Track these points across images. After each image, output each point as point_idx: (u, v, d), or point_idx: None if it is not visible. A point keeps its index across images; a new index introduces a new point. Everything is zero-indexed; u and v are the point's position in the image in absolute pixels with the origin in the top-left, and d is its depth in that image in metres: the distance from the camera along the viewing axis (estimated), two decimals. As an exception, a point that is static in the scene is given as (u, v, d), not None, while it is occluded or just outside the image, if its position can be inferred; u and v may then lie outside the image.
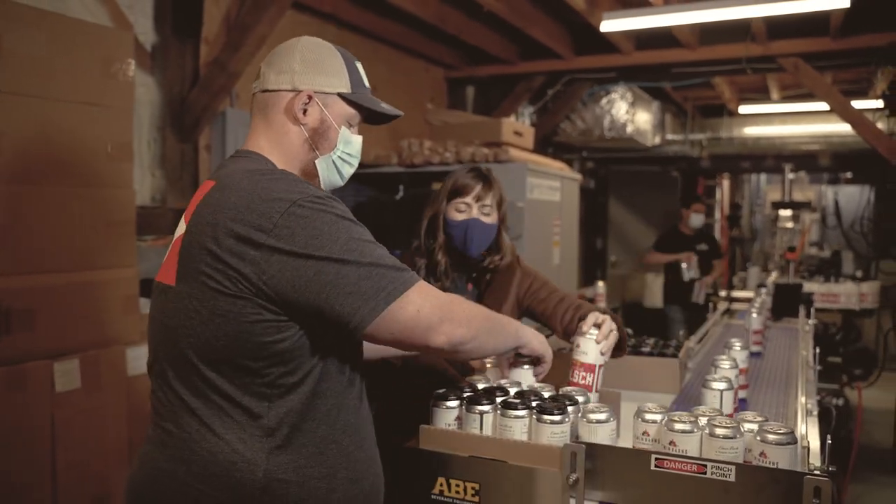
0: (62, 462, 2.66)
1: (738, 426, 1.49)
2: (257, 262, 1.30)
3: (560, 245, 5.15)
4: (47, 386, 2.63)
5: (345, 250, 1.30)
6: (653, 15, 4.59)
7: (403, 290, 1.33)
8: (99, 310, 2.86)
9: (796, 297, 4.39)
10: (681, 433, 1.50)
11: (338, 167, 1.59)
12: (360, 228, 1.37)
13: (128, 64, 2.96)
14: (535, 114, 7.37)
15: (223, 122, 4.19)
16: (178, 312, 1.38)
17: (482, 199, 2.28)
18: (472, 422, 1.62)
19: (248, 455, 1.35)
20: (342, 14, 4.96)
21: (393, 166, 4.82)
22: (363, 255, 1.32)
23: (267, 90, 1.53)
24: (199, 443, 1.36)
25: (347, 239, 1.31)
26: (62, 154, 2.73)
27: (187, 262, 1.37)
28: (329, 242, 1.30)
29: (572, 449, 1.48)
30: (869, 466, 5.30)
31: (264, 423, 1.36)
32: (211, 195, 1.39)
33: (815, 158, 8.30)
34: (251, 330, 1.32)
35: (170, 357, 1.40)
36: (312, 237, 1.29)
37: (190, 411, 1.37)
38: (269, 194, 1.32)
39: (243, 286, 1.31)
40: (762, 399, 2.43)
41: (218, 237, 1.32)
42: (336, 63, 1.54)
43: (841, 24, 5.31)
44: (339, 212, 1.35)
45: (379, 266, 1.32)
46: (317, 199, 1.33)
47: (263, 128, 1.54)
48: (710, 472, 1.40)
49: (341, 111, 1.55)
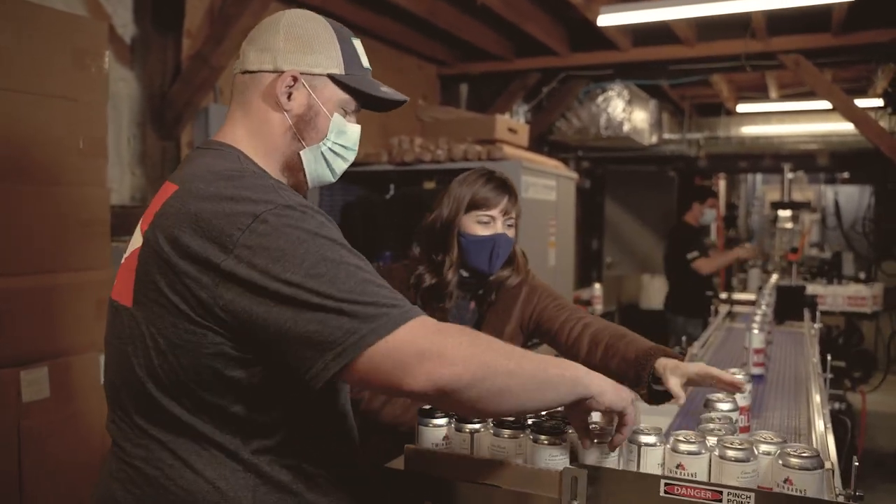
0: (29, 476, 2.51)
1: (751, 448, 1.34)
2: (212, 286, 1.11)
3: (556, 246, 5.02)
4: (13, 395, 2.48)
5: (310, 277, 1.07)
6: (651, 9, 4.48)
7: (384, 332, 1.07)
8: (70, 314, 2.71)
9: (800, 299, 4.26)
10: (688, 455, 1.36)
11: (328, 160, 1.39)
12: (337, 246, 1.13)
13: (102, 56, 2.81)
14: (529, 112, 7.25)
15: (206, 118, 4.04)
16: (135, 339, 1.20)
17: (509, 212, 2.06)
18: (461, 441, 1.48)
19: (231, 494, 1.18)
20: (330, 7, 4.82)
21: (383, 164, 4.68)
22: (333, 285, 1.08)
23: (247, 71, 1.34)
24: (175, 481, 1.19)
25: (317, 261, 1.09)
26: (29, 150, 2.58)
27: (145, 281, 1.18)
28: (292, 267, 1.08)
29: (573, 473, 1.33)
30: (873, 473, 5.18)
31: (245, 457, 1.20)
32: (171, 203, 1.20)
33: (813, 158, 8.20)
34: (212, 364, 1.15)
35: (128, 386, 1.22)
36: (274, 261, 1.08)
37: (160, 444, 1.20)
38: (231, 206, 1.13)
39: (201, 312, 1.13)
40: (771, 410, 2.29)
41: (177, 252, 1.14)
42: (326, 39, 1.35)
43: (843, 20, 5.19)
44: (312, 226, 1.13)
45: (352, 299, 1.08)
46: (286, 210, 1.13)
47: (241, 115, 1.35)
48: (727, 499, 1.26)
49: (332, 95, 1.35)
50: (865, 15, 5.18)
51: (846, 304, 5.59)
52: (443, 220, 2.07)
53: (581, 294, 6.93)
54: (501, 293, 2.15)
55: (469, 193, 2.05)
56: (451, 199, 2.07)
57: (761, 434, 1.46)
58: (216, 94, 4.16)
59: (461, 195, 2.06)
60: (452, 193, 2.08)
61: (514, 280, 2.14)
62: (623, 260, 9.46)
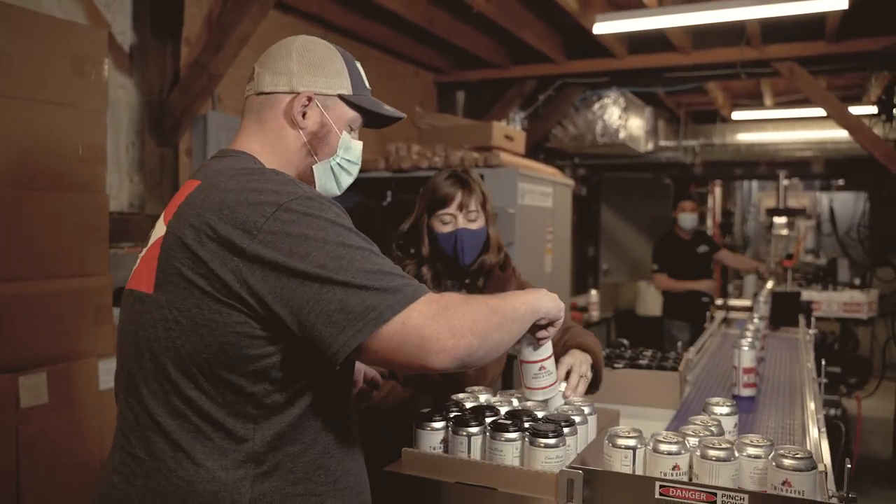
0: (27, 482, 2.51)
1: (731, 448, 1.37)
2: (239, 268, 1.18)
3: (552, 252, 5.03)
4: (11, 401, 2.49)
5: (331, 259, 1.16)
6: (647, 17, 4.50)
7: (399, 308, 1.16)
8: (69, 320, 2.72)
9: (795, 305, 4.28)
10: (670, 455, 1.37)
11: (336, 175, 1.49)
12: (353, 234, 1.22)
13: (101, 63, 2.83)
14: (526, 119, 7.28)
15: (204, 125, 4.06)
16: (157, 323, 1.24)
17: (466, 205, 2.16)
18: (459, 445, 1.49)
19: (230, 484, 1.22)
20: (328, 15, 4.85)
21: (380, 171, 4.70)
22: (352, 266, 1.16)
23: (263, 92, 1.42)
24: (174, 471, 1.22)
25: (336, 246, 1.18)
26: (29, 156, 2.59)
27: (167, 267, 1.24)
28: (314, 251, 1.16)
29: (569, 475, 1.35)
30: (868, 478, 5.19)
31: (249, 447, 1.23)
32: (195, 195, 1.27)
33: (808, 165, 8.24)
34: (236, 342, 1.20)
35: (144, 372, 1.27)
36: (297, 244, 1.17)
37: (164, 435, 1.24)
38: (255, 196, 1.21)
39: (227, 292, 1.19)
40: (766, 415, 2.31)
41: (201, 240, 1.20)
42: (336, 63, 1.45)
43: (837, 28, 5.23)
44: (330, 216, 1.22)
45: (370, 280, 1.16)
46: (307, 201, 1.21)
47: (255, 130, 1.43)
48: (721, 501, 1.28)
49: (342, 114, 1.46)
50: (859, 23, 5.23)
51: (841, 310, 5.62)
52: (412, 221, 2.22)
53: (577, 301, 6.94)
54: (490, 282, 2.24)
55: (430, 193, 2.19)
56: (418, 202, 2.23)
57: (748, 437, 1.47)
58: (214, 101, 4.18)
59: (425, 196, 2.21)
60: (421, 196, 2.23)
61: (491, 259, 2.24)
62: (619, 267, 9.47)
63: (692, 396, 2.53)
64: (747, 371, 2.44)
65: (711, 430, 1.54)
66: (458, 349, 1.18)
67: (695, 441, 1.43)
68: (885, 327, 6.29)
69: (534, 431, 1.43)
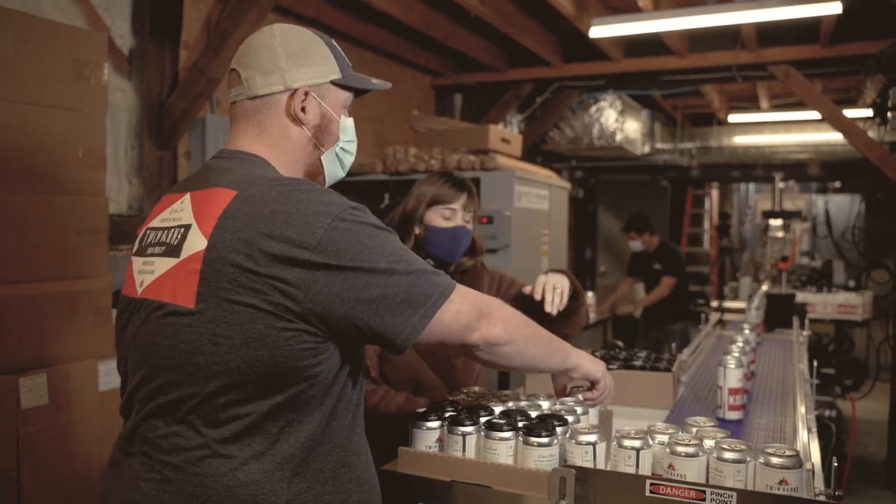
0: (28, 483, 2.54)
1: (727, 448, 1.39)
2: (301, 279, 1.19)
3: (549, 254, 5.06)
4: (12, 402, 2.51)
5: (391, 261, 1.26)
6: (642, 21, 4.53)
7: (448, 294, 1.30)
8: (69, 322, 2.74)
9: (789, 307, 4.31)
10: (684, 457, 1.40)
11: (340, 159, 1.50)
12: (395, 237, 1.32)
13: (101, 67, 2.85)
14: (523, 122, 7.30)
15: (203, 128, 4.08)
16: (201, 337, 1.22)
17: (467, 207, 2.24)
18: (454, 444, 1.52)
19: (268, 486, 1.23)
20: (326, 19, 4.87)
21: (378, 174, 4.73)
22: (408, 264, 1.28)
23: (257, 96, 1.39)
24: (212, 476, 1.22)
25: (392, 250, 1.27)
26: (30, 159, 2.62)
27: (213, 282, 1.21)
28: (375, 255, 1.25)
29: (561, 473, 1.38)
30: (863, 480, 5.22)
31: (285, 449, 1.25)
32: (237, 207, 1.24)
33: (804, 167, 8.26)
34: (288, 354, 1.21)
35: (184, 385, 1.24)
36: (359, 251, 1.23)
37: (202, 443, 1.24)
38: (307, 208, 1.23)
39: (284, 307, 1.20)
40: (758, 415, 2.33)
41: (254, 255, 1.19)
42: (320, 48, 1.43)
43: (832, 32, 5.26)
44: (376, 222, 1.30)
45: (422, 273, 1.29)
46: (355, 212, 1.27)
47: (256, 134, 1.40)
48: (710, 498, 1.30)
49: (337, 98, 1.45)
50: (854, 27, 5.26)
51: (836, 311, 5.65)
52: (403, 213, 2.25)
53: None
54: (465, 278, 2.33)
55: (432, 191, 2.23)
56: (413, 196, 2.26)
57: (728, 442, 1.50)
58: (213, 104, 4.21)
59: (423, 193, 2.24)
60: (415, 192, 2.26)
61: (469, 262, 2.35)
62: (616, 269, 9.50)
63: (686, 397, 2.55)
64: (734, 392, 2.22)
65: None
66: (491, 332, 1.34)
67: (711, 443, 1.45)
68: (880, 329, 6.31)
69: (527, 430, 1.45)
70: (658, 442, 1.49)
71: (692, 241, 10.33)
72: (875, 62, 4.85)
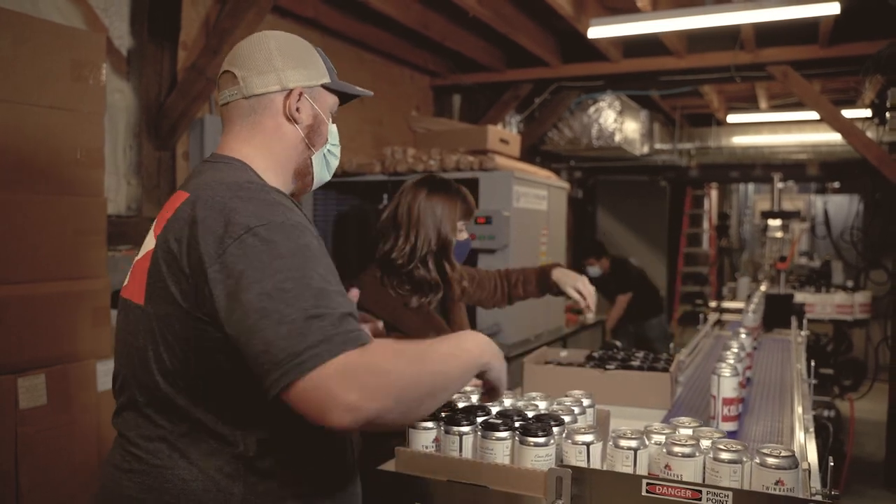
0: (26, 483, 2.54)
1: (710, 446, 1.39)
2: (205, 285, 1.19)
3: (547, 255, 5.06)
4: (10, 402, 2.51)
5: (277, 291, 1.12)
6: (641, 21, 4.53)
7: (322, 359, 1.09)
8: (67, 322, 2.74)
9: (787, 307, 4.31)
10: (681, 457, 1.40)
11: (327, 161, 1.53)
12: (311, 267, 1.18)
13: (99, 67, 2.85)
14: (522, 122, 7.30)
15: (201, 128, 4.09)
16: (147, 333, 1.28)
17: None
18: (450, 444, 1.52)
19: (223, 484, 1.26)
20: (325, 20, 4.87)
21: (376, 174, 4.73)
22: (292, 304, 1.12)
23: (254, 95, 1.42)
24: (171, 469, 1.27)
25: (285, 279, 1.14)
26: (28, 160, 2.62)
27: (155, 281, 1.27)
28: (264, 278, 1.14)
29: (557, 473, 1.38)
30: (861, 480, 5.22)
31: (240, 450, 1.27)
32: (183, 209, 1.28)
33: (803, 168, 8.26)
34: (214, 356, 1.23)
35: (138, 379, 1.31)
36: (250, 270, 1.15)
37: (161, 437, 1.28)
38: (231, 216, 1.21)
39: (204, 312, 1.21)
40: (756, 414, 2.34)
41: (182, 256, 1.23)
42: (311, 53, 1.49)
43: (830, 32, 5.27)
44: (292, 246, 1.19)
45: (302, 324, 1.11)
46: (275, 228, 1.20)
47: (249, 134, 1.43)
48: (706, 498, 1.31)
49: (326, 101, 1.50)
50: (852, 27, 5.26)
51: (835, 312, 5.65)
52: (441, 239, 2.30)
53: (571, 303, 6.96)
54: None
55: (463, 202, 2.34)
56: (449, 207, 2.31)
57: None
58: (212, 104, 4.21)
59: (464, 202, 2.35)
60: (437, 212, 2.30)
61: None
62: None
63: (684, 397, 2.56)
64: (728, 402, 2.07)
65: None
66: (368, 410, 1.09)
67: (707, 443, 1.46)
68: (878, 329, 6.31)
69: (524, 430, 1.46)
70: (654, 442, 1.49)
71: (691, 242, 10.34)
72: (873, 62, 4.86)
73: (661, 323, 6.85)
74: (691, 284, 10.21)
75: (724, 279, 10.41)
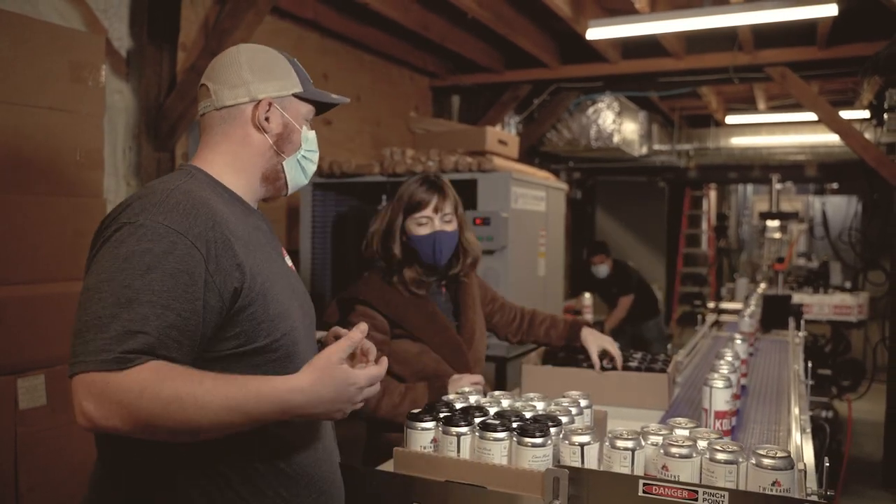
0: (25, 484, 2.54)
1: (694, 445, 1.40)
2: None
3: (546, 256, 5.06)
4: (10, 403, 2.51)
5: (92, 288, 1.23)
6: (639, 23, 4.54)
7: (84, 368, 1.18)
8: (67, 323, 2.70)
9: (785, 308, 4.32)
10: (678, 458, 1.41)
11: (302, 166, 1.58)
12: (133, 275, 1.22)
13: (98, 69, 2.86)
14: (520, 123, 7.31)
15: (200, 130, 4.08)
16: None
17: (441, 209, 2.27)
18: (448, 444, 1.53)
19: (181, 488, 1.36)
20: (324, 20, 4.88)
21: (375, 175, 4.73)
22: (93, 305, 1.21)
23: (224, 106, 1.48)
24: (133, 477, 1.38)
25: (104, 279, 1.22)
26: (28, 161, 2.62)
27: None
28: (96, 272, 1.26)
29: (555, 474, 1.39)
30: (859, 480, 5.23)
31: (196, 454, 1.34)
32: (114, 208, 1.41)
33: (801, 169, 8.28)
34: None
35: None
36: (97, 261, 1.28)
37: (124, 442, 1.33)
38: (123, 214, 1.32)
39: None
40: (753, 415, 2.35)
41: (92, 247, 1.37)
42: (283, 65, 1.54)
43: (828, 34, 5.28)
44: (133, 248, 1.25)
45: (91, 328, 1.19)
46: (132, 229, 1.27)
47: (219, 141, 1.49)
48: (702, 498, 1.31)
49: (298, 110, 1.54)
50: (850, 29, 5.28)
51: (833, 312, 5.66)
52: (385, 224, 2.30)
53: (572, 304, 6.97)
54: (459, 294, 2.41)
55: (406, 197, 2.28)
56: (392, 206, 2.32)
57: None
58: (210, 105, 4.21)
59: (400, 200, 2.30)
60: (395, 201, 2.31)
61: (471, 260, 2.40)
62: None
63: (681, 398, 2.57)
64: (720, 415, 1.93)
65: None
66: (103, 426, 1.18)
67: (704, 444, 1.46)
68: (876, 330, 6.33)
69: (521, 431, 1.47)
70: (651, 443, 1.50)
71: (690, 243, 10.35)
72: (871, 64, 4.87)
73: (658, 324, 6.91)
74: (690, 285, 10.23)
75: (722, 280, 10.42)
